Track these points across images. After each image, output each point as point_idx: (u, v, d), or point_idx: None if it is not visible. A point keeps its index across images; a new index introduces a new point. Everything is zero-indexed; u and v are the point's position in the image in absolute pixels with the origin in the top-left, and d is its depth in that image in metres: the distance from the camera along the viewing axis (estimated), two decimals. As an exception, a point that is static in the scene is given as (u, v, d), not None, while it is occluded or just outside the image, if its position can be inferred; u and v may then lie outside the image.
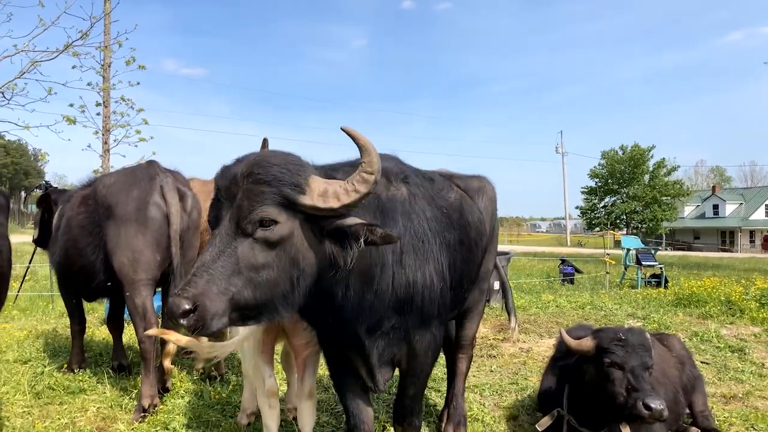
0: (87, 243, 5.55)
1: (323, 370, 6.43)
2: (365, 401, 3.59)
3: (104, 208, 5.38)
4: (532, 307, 11.27)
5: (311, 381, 3.96)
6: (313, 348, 3.90)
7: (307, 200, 2.46)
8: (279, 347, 4.64)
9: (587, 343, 4.15)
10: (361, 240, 2.50)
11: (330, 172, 2.82)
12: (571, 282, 15.76)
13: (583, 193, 66.74)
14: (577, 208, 68.46)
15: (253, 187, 2.45)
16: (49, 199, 6.68)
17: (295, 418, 4.57)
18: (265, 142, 3.42)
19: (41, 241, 6.83)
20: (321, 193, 2.47)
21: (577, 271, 16.49)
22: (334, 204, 2.45)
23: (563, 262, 16.75)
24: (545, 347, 8.07)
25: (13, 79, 12.23)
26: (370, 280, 2.88)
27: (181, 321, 2.32)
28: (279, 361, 5.19)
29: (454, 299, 3.70)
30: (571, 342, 4.24)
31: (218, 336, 4.11)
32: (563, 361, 4.65)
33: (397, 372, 3.55)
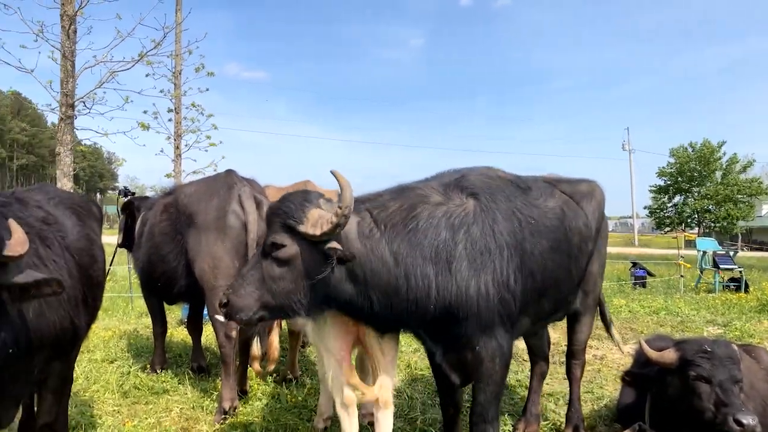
0: (169, 250, 5.80)
1: (398, 375, 6.54)
2: (451, 393, 4.13)
3: (185, 217, 5.59)
4: (603, 312, 10.97)
5: (386, 390, 3.98)
6: (389, 357, 3.94)
7: (302, 228, 3.15)
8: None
9: (670, 355, 4.03)
10: (333, 258, 3.14)
11: (363, 203, 3.45)
12: (643, 285, 15.24)
13: (651, 191, 64.45)
14: (645, 208, 66.22)
15: (271, 218, 3.33)
16: (133, 205, 7.01)
17: (371, 423, 4.62)
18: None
19: (126, 245, 7.18)
20: (313, 223, 3.13)
21: (650, 274, 15.93)
22: (317, 232, 3.10)
23: (634, 264, 16.22)
24: (619, 355, 7.84)
25: (94, 89, 12.83)
26: (395, 290, 3.31)
27: (221, 310, 3.28)
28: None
29: (548, 306, 4.00)
30: (652, 353, 4.13)
31: (250, 324, 4.29)
32: (642, 372, 4.53)
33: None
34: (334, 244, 3.14)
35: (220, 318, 3.37)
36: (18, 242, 2.63)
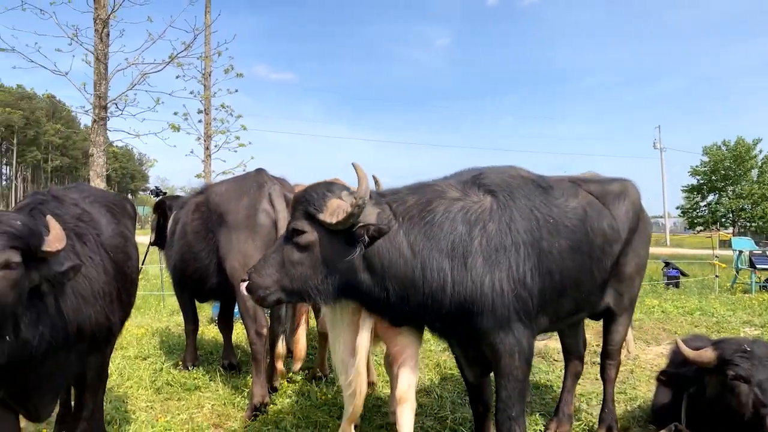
0: (201, 248, 5.86)
1: (426, 374, 6.52)
2: (480, 391, 4.14)
3: (217, 215, 5.65)
4: (636, 312, 10.73)
5: (403, 385, 3.95)
6: (409, 353, 3.92)
7: (321, 216, 3.25)
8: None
9: (708, 355, 3.97)
10: (364, 237, 3.18)
11: (383, 197, 3.56)
12: (677, 286, 14.93)
13: (683, 191, 63.36)
14: (678, 208, 65.10)
15: (295, 205, 3.46)
16: (164, 205, 7.11)
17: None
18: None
19: (158, 243, 7.29)
20: (332, 212, 3.22)
21: (683, 274, 15.60)
22: (333, 220, 3.19)
23: (667, 264, 15.90)
24: (653, 355, 7.73)
25: (125, 91, 13.01)
26: (411, 281, 3.37)
27: (242, 284, 3.41)
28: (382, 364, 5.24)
29: (568, 305, 3.97)
30: (690, 353, 4.06)
31: (269, 305, 4.31)
32: (679, 372, 4.45)
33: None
34: (365, 221, 3.22)
35: (244, 291, 3.44)
36: (56, 238, 2.68)
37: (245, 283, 3.39)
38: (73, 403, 3.77)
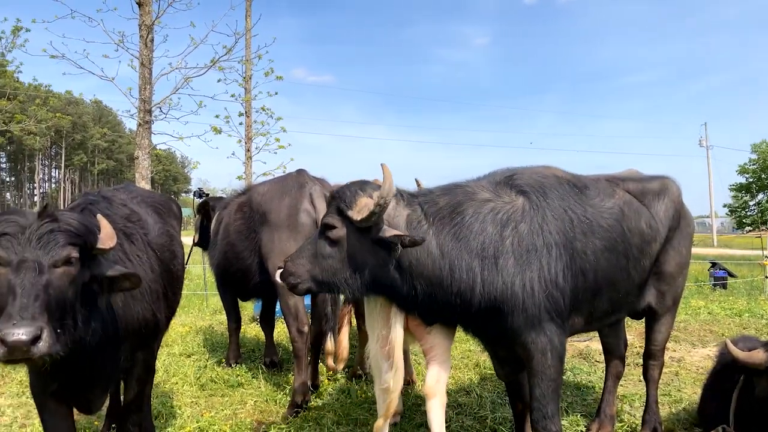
0: (244, 247, 5.98)
1: (466, 373, 6.51)
2: (518, 390, 4.17)
3: (259, 215, 5.76)
4: (680, 314, 10.51)
5: (431, 380, 3.94)
6: (439, 350, 3.94)
7: (349, 212, 3.33)
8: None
9: (759, 356, 3.88)
10: (398, 246, 3.27)
11: (416, 197, 3.62)
12: (724, 287, 14.50)
13: (731, 189, 61.45)
14: (725, 206, 63.18)
15: (330, 201, 3.58)
16: (208, 205, 7.26)
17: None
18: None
19: (202, 244, 7.45)
20: (359, 210, 3.30)
21: (731, 275, 15.14)
22: (358, 217, 3.27)
23: (714, 265, 15.46)
24: (698, 357, 7.55)
25: (169, 95, 13.30)
26: (439, 281, 3.42)
27: (277, 274, 3.56)
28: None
29: (603, 305, 3.95)
30: (739, 354, 3.97)
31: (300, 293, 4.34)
32: (726, 374, 4.35)
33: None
34: (394, 232, 3.29)
35: (278, 278, 3.58)
36: (107, 236, 2.79)
37: (280, 270, 3.53)
38: (122, 397, 3.89)
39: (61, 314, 2.51)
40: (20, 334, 2.25)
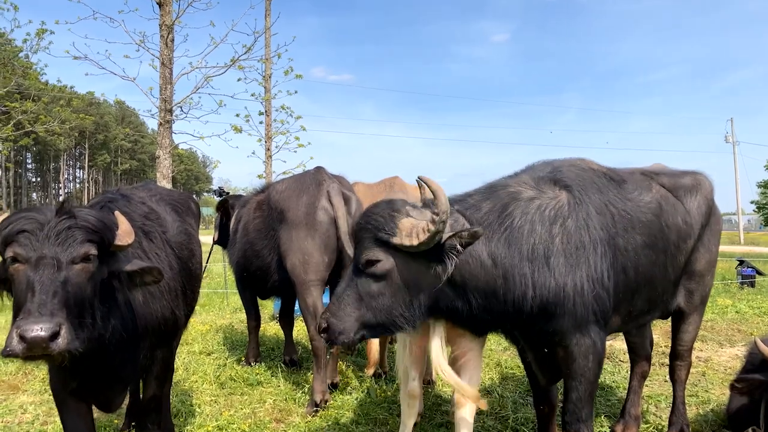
0: (263, 245, 5.97)
1: (487, 373, 6.43)
2: (545, 392, 4.01)
3: (277, 213, 5.74)
4: (707, 313, 10.27)
5: (460, 388, 3.88)
6: (471, 355, 3.86)
7: (396, 240, 3.00)
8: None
9: None
10: (457, 247, 2.98)
11: (463, 201, 3.40)
12: (752, 285, 14.19)
13: (759, 186, 60.32)
14: (752, 202, 62.04)
15: (361, 234, 3.16)
16: (227, 204, 7.27)
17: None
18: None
19: (221, 242, 7.47)
20: (408, 233, 2.98)
21: (759, 273, 14.80)
22: (414, 242, 2.95)
23: (741, 263, 15.13)
24: (726, 357, 7.38)
25: (190, 94, 13.39)
26: (492, 291, 3.21)
27: (322, 335, 3.16)
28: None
29: (641, 303, 3.81)
30: None
31: (352, 347, 4.26)
32: (757, 374, 4.22)
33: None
34: (454, 233, 3.00)
35: (323, 341, 3.44)
36: (125, 233, 2.78)
37: (325, 333, 3.13)
38: (141, 395, 3.89)
39: (79, 311, 2.51)
40: (39, 330, 2.25)
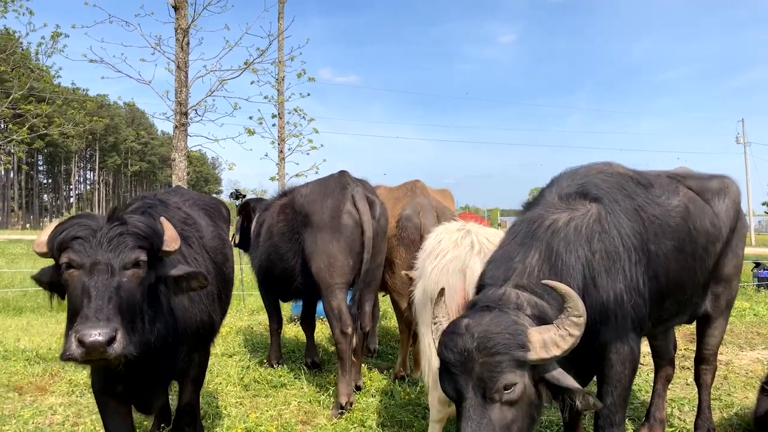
0: (287, 249, 6.03)
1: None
2: None
3: (302, 217, 5.79)
4: (724, 316, 10.32)
5: None
6: None
7: (533, 356, 2.68)
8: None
9: None
10: (577, 402, 2.71)
11: (508, 267, 3.15)
12: (768, 287, 14.17)
13: (769, 186, 59.96)
14: (764, 204, 61.68)
15: (489, 360, 2.68)
16: (248, 206, 7.33)
17: None
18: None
19: (242, 245, 7.53)
20: (542, 345, 2.70)
21: (774, 275, 14.77)
22: (556, 352, 2.68)
23: (758, 265, 15.08)
24: (747, 360, 7.37)
25: (205, 97, 13.49)
26: None
27: None
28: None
29: (671, 308, 3.82)
30: None
31: None
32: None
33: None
34: (570, 382, 2.75)
35: None
36: (172, 238, 2.85)
37: None
38: (169, 397, 3.95)
39: (131, 316, 2.58)
40: (97, 335, 2.32)
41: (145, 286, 2.72)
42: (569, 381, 2.74)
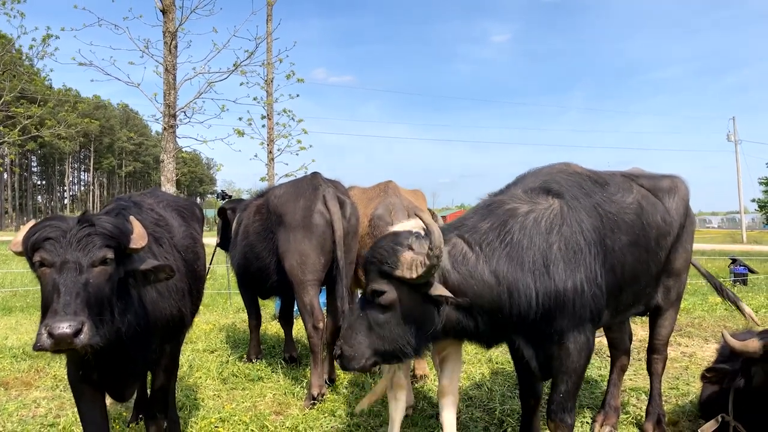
0: (262, 248, 6.29)
1: (479, 368, 6.72)
2: (529, 381, 4.17)
3: (276, 217, 6.05)
4: (696, 310, 10.60)
5: (445, 380, 4.17)
6: (452, 349, 4.18)
7: (398, 273, 3.21)
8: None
9: (753, 345, 3.99)
10: (444, 307, 3.30)
11: (451, 231, 3.55)
12: (744, 283, 14.44)
13: (761, 183, 60.31)
14: (753, 200, 62.03)
15: (367, 267, 3.41)
16: (225, 212, 7.61)
17: None
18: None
19: (222, 245, 7.79)
20: (408, 266, 3.18)
21: (751, 271, 15.05)
22: (413, 274, 3.16)
23: (734, 261, 15.39)
24: (710, 352, 7.63)
25: (193, 99, 13.71)
26: (498, 307, 3.41)
27: (336, 361, 3.49)
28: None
29: (626, 299, 4.11)
30: (735, 343, 4.09)
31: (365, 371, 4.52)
32: (726, 364, 4.48)
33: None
34: (440, 291, 3.22)
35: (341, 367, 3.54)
36: (139, 236, 3.11)
37: (340, 359, 3.38)
38: (149, 389, 4.20)
39: (99, 309, 2.83)
40: (65, 327, 2.57)
41: (113, 281, 2.96)
42: (441, 290, 3.22)
